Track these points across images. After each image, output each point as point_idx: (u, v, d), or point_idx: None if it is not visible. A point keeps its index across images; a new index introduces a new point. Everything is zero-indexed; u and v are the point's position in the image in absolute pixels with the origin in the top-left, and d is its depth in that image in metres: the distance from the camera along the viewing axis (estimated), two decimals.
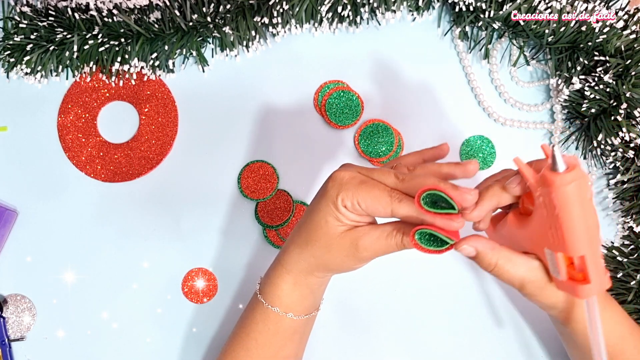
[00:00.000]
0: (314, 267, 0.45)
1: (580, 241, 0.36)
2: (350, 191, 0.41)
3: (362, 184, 0.41)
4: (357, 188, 0.41)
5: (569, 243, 0.36)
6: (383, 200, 0.40)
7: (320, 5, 0.56)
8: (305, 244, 0.44)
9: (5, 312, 0.57)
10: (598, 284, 0.37)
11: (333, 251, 0.43)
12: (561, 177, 0.35)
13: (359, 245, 0.42)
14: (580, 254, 0.37)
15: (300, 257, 0.45)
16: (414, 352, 0.58)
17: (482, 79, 0.60)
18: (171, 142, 0.59)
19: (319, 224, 0.43)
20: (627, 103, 0.52)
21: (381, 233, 0.42)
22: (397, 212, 0.40)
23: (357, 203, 0.41)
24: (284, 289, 0.46)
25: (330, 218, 0.42)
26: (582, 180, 0.35)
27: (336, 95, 0.59)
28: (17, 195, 0.59)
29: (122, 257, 0.58)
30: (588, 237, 0.36)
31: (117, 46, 0.57)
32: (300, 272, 0.46)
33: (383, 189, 0.41)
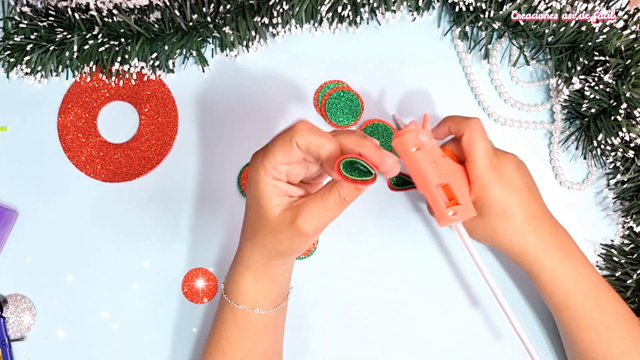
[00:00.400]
0: (268, 257, 0.45)
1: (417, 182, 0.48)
2: (265, 159, 0.41)
3: (266, 147, 0.42)
4: (266, 152, 0.41)
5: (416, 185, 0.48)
6: (286, 139, 0.41)
7: (320, 5, 0.56)
8: (253, 236, 0.44)
9: (5, 312, 0.57)
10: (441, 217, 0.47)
11: (279, 235, 0.42)
12: (394, 138, 0.47)
13: (300, 219, 0.41)
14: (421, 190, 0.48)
15: (253, 250, 0.45)
16: (414, 352, 0.58)
17: (482, 79, 0.60)
18: (171, 142, 0.60)
19: (258, 212, 0.43)
20: (627, 103, 0.52)
21: (316, 198, 0.41)
22: (301, 142, 0.40)
23: (275, 163, 0.41)
24: (247, 285, 0.46)
25: (264, 201, 0.42)
26: (407, 134, 0.46)
27: (336, 95, 0.59)
28: (17, 195, 0.59)
29: (122, 257, 0.58)
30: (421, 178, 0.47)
31: (117, 46, 0.57)
32: (257, 265, 0.46)
33: (283, 132, 0.41)
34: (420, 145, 0.46)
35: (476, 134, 0.48)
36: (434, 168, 0.47)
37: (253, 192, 0.43)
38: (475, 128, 0.48)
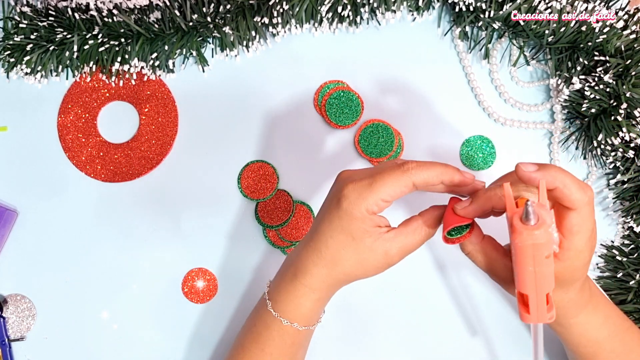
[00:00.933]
0: (343, 282, 0.46)
1: (524, 283, 0.38)
2: (370, 196, 0.41)
3: (373, 182, 0.42)
4: (373, 189, 0.41)
5: (516, 279, 0.39)
6: (401, 179, 0.41)
7: (320, 5, 0.56)
8: (333, 265, 0.44)
9: (5, 312, 0.57)
10: (535, 317, 0.40)
11: (365, 264, 0.44)
12: (524, 234, 0.36)
13: (392, 253, 0.43)
14: (523, 292, 0.39)
15: (329, 277, 0.45)
16: (414, 352, 0.58)
17: (482, 79, 0.60)
18: (171, 142, 0.60)
19: (346, 243, 0.43)
20: (627, 103, 0.52)
21: (407, 234, 0.44)
22: (418, 181, 0.41)
23: (381, 201, 0.41)
24: (307, 306, 0.46)
25: (358, 233, 0.42)
26: (542, 244, 0.36)
27: (336, 95, 0.59)
28: (17, 195, 0.59)
29: (122, 257, 0.58)
30: (534, 282, 0.38)
31: (117, 46, 0.57)
32: (327, 289, 0.46)
33: (393, 170, 0.42)
34: (551, 252, 0.37)
35: (589, 216, 0.39)
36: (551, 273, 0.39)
37: (347, 225, 0.42)
38: (590, 206, 0.39)
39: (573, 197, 0.38)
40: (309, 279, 0.45)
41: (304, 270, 0.45)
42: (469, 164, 0.59)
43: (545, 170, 0.37)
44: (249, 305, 0.58)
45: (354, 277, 0.45)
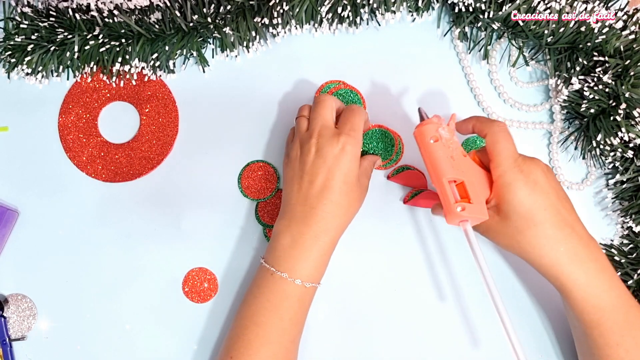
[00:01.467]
0: (344, 228, 0.52)
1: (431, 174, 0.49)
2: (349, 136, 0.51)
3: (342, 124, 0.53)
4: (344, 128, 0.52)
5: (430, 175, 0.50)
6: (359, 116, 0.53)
7: (320, 5, 0.56)
8: (346, 218, 0.51)
9: (6, 312, 0.58)
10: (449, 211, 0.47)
11: (361, 198, 0.52)
12: (416, 129, 0.51)
13: (365, 176, 0.54)
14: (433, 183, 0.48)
15: (339, 230, 0.51)
16: (414, 352, 0.58)
17: (481, 80, 0.60)
18: (172, 142, 0.60)
19: (361, 192, 0.52)
20: (626, 103, 0.52)
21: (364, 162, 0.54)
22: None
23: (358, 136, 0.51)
24: (321, 262, 0.50)
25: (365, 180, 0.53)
26: (426, 127, 0.49)
27: (342, 92, 0.59)
28: (18, 195, 0.59)
29: (122, 257, 0.59)
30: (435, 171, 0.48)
31: (118, 47, 0.57)
32: (335, 242, 0.51)
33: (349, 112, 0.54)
34: (438, 138, 0.48)
35: (500, 134, 0.48)
36: (450, 163, 0.48)
37: (364, 180, 0.53)
38: (499, 129, 0.48)
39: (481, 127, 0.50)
40: (332, 234, 0.50)
41: (327, 229, 0.50)
42: None
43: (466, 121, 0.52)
44: None
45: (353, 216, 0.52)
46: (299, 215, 0.50)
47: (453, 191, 0.47)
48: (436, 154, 0.48)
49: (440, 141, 0.48)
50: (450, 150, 0.48)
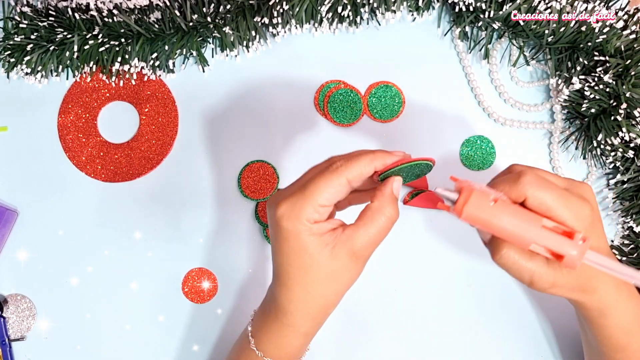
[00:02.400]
0: (326, 307, 0.42)
1: (517, 237, 0.38)
2: (305, 204, 0.38)
3: (303, 189, 0.39)
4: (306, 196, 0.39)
5: (514, 242, 0.38)
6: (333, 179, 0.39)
7: (320, 5, 0.56)
8: (305, 294, 0.40)
9: (6, 312, 0.57)
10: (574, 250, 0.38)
11: (337, 276, 0.40)
12: (455, 208, 0.38)
13: (357, 250, 0.40)
14: (528, 245, 0.38)
15: (308, 308, 0.41)
16: (415, 352, 0.58)
17: (482, 79, 0.60)
18: (171, 142, 0.60)
19: (306, 265, 0.39)
20: (627, 103, 0.52)
21: (365, 225, 0.40)
22: (351, 176, 0.39)
23: (319, 207, 0.39)
24: (294, 345, 0.43)
25: (311, 248, 0.39)
26: (473, 197, 0.37)
27: (341, 92, 0.59)
28: (17, 195, 0.59)
29: (122, 257, 0.58)
30: (521, 229, 0.37)
31: (118, 46, 0.57)
32: (312, 321, 0.42)
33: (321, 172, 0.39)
34: (496, 197, 0.38)
35: (538, 191, 0.39)
36: (523, 212, 0.38)
37: (294, 245, 0.39)
38: (530, 183, 0.39)
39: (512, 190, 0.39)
40: (290, 318, 0.42)
41: (283, 310, 0.42)
42: (469, 164, 0.59)
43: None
44: (249, 305, 0.58)
45: (334, 296, 0.41)
46: (272, 282, 0.44)
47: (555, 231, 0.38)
48: (508, 211, 0.38)
49: (499, 197, 0.38)
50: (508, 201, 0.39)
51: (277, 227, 0.40)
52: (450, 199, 0.38)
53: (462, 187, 0.38)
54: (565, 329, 0.57)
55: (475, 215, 0.37)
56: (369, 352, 0.58)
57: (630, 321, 0.45)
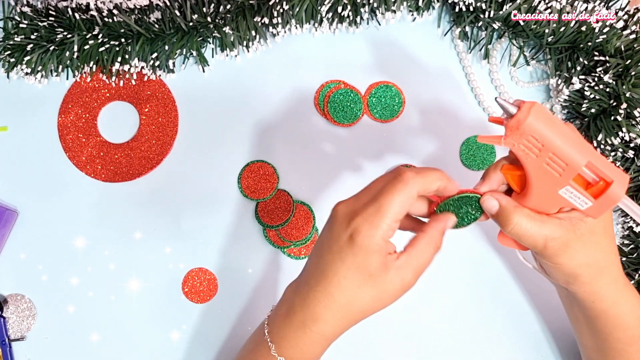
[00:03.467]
0: (358, 320, 0.42)
1: (577, 151, 0.37)
2: (382, 221, 0.38)
3: (379, 205, 0.38)
4: (382, 212, 0.38)
5: (571, 160, 0.37)
6: (405, 191, 0.38)
7: (320, 5, 0.56)
8: (349, 307, 0.41)
9: (6, 312, 0.57)
10: (621, 178, 0.38)
11: (384, 297, 0.40)
12: (521, 114, 0.37)
13: (408, 279, 0.40)
14: (585, 162, 0.37)
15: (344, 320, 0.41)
16: (414, 352, 0.58)
17: (482, 79, 0.60)
18: (171, 142, 0.60)
19: (364, 282, 0.40)
20: (627, 103, 0.52)
21: (417, 254, 0.40)
22: (420, 189, 0.39)
23: (394, 222, 0.38)
24: (318, 352, 0.43)
25: (375, 269, 0.39)
26: (536, 106, 0.37)
27: (341, 92, 0.59)
28: (17, 195, 0.59)
29: (122, 257, 0.58)
30: (579, 144, 0.38)
31: (118, 46, 0.57)
32: (341, 331, 0.42)
33: (392, 186, 0.39)
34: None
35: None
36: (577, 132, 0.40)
37: (362, 261, 0.39)
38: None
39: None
40: (323, 326, 0.41)
41: (316, 317, 0.41)
42: (469, 164, 0.59)
43: None
44: (249, 306, 0.58)
45: (371, 313, 0.42)
46: (302, 286, 0.42)
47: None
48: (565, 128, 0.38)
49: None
50: None
51: (349, 240, 0.39)
52: (510, 110, 0.38)
53: (522, 101, 0.38)
54: (566, 329, 0.57)
55: (539, 124, 0.37)
56: (369, 351, 0.57)
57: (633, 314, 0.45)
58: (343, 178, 0.59)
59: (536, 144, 0.37)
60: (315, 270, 0.41)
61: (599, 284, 0.43)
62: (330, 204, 0.59)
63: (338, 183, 0.59)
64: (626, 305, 0.44)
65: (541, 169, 0.38)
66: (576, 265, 0.42)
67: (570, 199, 0.40)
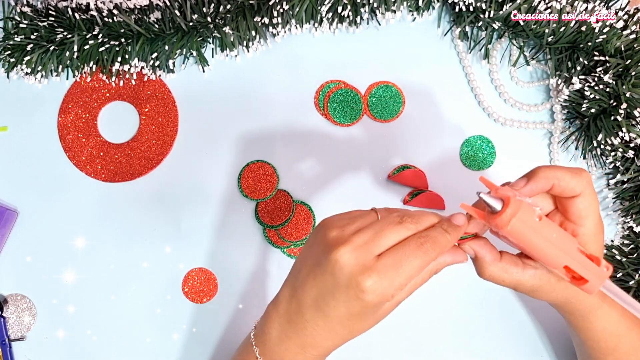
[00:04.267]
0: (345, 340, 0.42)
1: (553, 257, 0.38)
2: (398, 283, 0.38)
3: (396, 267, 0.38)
4: (400, 276, 0.38)
5: (545, 262, 0.38)
6: (424, 259, 0.38)
7: (320, 5, 0.56)
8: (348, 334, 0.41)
9: (6, 312, 0.57)
10: (597, 277, 0.39)
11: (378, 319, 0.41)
12: (500, 219, 0.36)
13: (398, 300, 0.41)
14: (560, 267, 0.38)
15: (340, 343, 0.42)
16: (413, 353, 0.58)
17: (482, 79, 0.60)
18: (171, 142, 0.60)
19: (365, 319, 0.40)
20: (627, 103, 0.52)
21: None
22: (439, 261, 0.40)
23: (405, 282, 0.38)
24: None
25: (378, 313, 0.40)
26: (522, 210, 0.36)
27: (341, 92, 0.59)
28: (17, 195, 0.59)
29: (122, 257, 0.58)
30: (557, 250, 0.37)
31: (118, 46, 0.57)
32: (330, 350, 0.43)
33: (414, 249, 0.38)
34: (540, 215, 0.37)
35: (593, 197, 0.40)
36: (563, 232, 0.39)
37: (364, 311, 0.39)
38: (590, 187, 0.40)
39: (571, 186, 0.39)
40: (323, 351, 0.42)
41: (316, 345, 0.41)
42: (469, 164, 0.59)
43: (534, 178, 0.39)
44: (249, 306, 0.58)
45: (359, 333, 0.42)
46: (292, 310, 0.42)
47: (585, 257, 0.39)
48: (555, 230, 0.38)
49: (542, 215, 0.37)
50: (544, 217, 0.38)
51: (358, 293, 0.38)
52: (494, 208, 0.36)
53: (507, 197, 0.36)
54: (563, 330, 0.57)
55: (520, 230, 0.36)
56: (369, 352, 0.57)
57: (617, 323, 0.46)
58: (343, 178, 0.59)
59: (515, 242, 0.38)
60: (313, 306, 0.40)
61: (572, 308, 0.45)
62: (330, 204, 0.59)
63: (338, 183, 0.59)
64: (598, 323, 0.46)
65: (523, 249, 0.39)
66: (551, 299, 0.44)
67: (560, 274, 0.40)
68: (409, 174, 0.58)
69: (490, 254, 0.41)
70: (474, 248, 0.41)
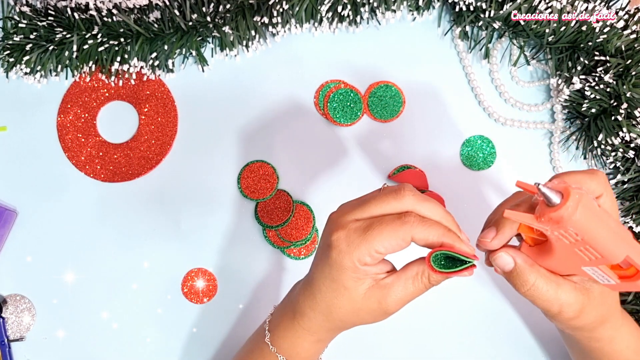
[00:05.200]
0: (342, 328, 0.43)
1: (617, 248, 0.35)
2: (362, 246, 0.38)
3: (367, 230, 0.38)
4: (366, 238, 0.38)
5: (608, 255, 0.35)
6: (399, 231, 0.37)
7: (320, 5, 0.56)
8: (329, 312, 0.41)
9: (5, 312, 0.57)
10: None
11: (361, 314, 0.40)
12: (565, 210, 0.33)
13: (387, 303, 0.40)
14: (623, 258, 0.35)
15: (326, 322, 0.42)
16: (415, 353, 0.58)
17: (482, 79, 0.60)
18: (171, 142, 0.59)
19: (340, 292, 0.40)
20: (628, 103, 0.52)
21: (405, 282, 0.40)
22: (418, 237, 0.38)
23: (375, 253, 0.38)
24: (305, 347, 0.44)
25: (349, 283, 0.39)
26: (583, 197, 0.34)
27: (341, 92, 0.59)
28: (16, 195, 0.59)
29: (122, 257, 0.58)
30: (619, 238, 0.35)
31: (117, 46, 0.57)
32: (327, 333, 0.43)
33: (392, 221, 0.38)
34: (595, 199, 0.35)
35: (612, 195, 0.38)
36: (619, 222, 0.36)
37: (337, 274, 0.39)
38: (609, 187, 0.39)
39: (592, 188, 0.37)
40: (307, 322, 0.42)
41: (302, 312, 0.42)
42: (469, 164, 0.59)
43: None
44: (249, 305, 0.58)
45: (352, 324, 0.42)
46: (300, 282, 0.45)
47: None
48: (609, 219, 0.35)
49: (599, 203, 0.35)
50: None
51: (326, 251, 0.39)
52: (553, 200, 0.34)
53: (565, 187, 0.34)
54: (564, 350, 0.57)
55: (587, 218, 0.34)
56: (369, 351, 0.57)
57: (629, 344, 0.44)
58: (343, 178, 0.59)
59: (574, 235, 0.35)
60: (310, 269, 0.43)
61: (599, 330, 0.43)
62: (330, 204, 0.59)
63: (338, 183, 0.59)
64: (622, 342, 0.44)
65: (571, 250, 0.36)
66: (583, 323, 0.41)
67: (592, 274, 0.37)
68: (409, 174, 0.58)
69: (528, 259, 0.39)
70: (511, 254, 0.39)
